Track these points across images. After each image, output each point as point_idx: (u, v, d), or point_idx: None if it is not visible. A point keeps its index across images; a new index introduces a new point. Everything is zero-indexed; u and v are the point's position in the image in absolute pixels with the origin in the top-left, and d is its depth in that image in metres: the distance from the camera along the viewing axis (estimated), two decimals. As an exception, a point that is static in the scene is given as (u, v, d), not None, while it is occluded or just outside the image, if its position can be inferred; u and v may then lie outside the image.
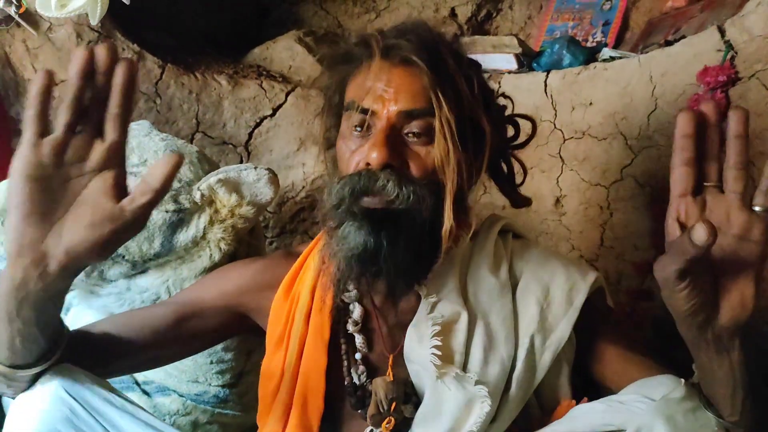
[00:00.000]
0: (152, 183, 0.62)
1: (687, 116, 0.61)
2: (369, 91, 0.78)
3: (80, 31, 1.39)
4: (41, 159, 0.60)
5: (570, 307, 0.84)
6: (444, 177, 0.77)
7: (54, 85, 0.61)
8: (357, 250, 0.76)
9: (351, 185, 0.77)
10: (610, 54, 1.51)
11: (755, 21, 1.19)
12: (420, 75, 0.77)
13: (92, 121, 0.63)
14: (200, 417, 1.25)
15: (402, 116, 0.77)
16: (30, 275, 0.62)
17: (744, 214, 0.60)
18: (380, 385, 0.83)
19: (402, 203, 0.76)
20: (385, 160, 0.75)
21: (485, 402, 0.77)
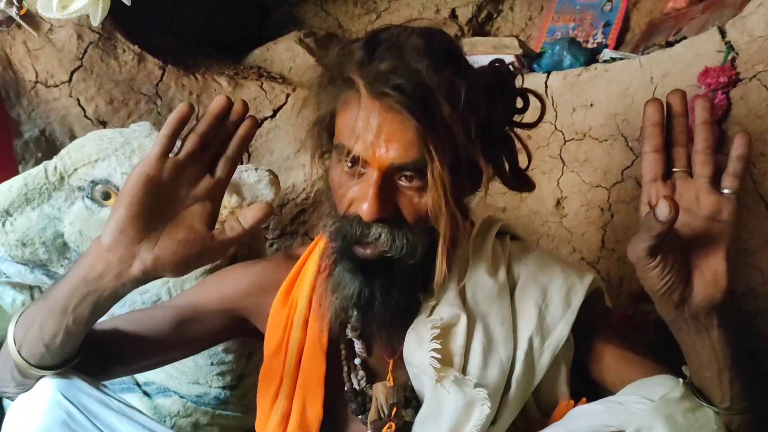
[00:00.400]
0: (243, 223, 0.70)
1: (654, 106, 0.65)
2: (358, 137, 0.72)
3: (81, 33, 1.40)
4: (162, 171, 0.68)
5: (568, 308, 0.84)
6: (437, 226, 0.75)
7: (191, 117, 0.70)
8: (352, 299, 0.78)
9: (343, 232, 0.76)
10: (610, 55, 1.50)
11: (756, 22, 1.19)
12: (411, 124, 0.70)
13: (207, 156, 0.71)
14: (201, 418, 1.25)
15: (394, 168, 0.72)
16: (110, 271, 0.68)
17: (712, 196, 0.64)
18: (381, 391, 0.83)
19: (395, 254, 0.75)
20: (376, 216, 0.72)
21: (485, 404, 0.77)
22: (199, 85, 1.54)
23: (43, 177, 1.09)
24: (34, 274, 1.12)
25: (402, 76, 0.69)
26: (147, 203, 0.67)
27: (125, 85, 1.47)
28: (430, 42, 0.73)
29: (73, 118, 1.44)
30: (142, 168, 0.67)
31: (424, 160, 0.71)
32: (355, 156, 0.73)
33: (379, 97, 0.70)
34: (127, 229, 0.67)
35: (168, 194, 0.69)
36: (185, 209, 0.70)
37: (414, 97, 0.69)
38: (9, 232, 1.07)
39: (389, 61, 0.71)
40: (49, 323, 0.70)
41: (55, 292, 0.70)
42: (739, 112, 1.22)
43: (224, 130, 0.71)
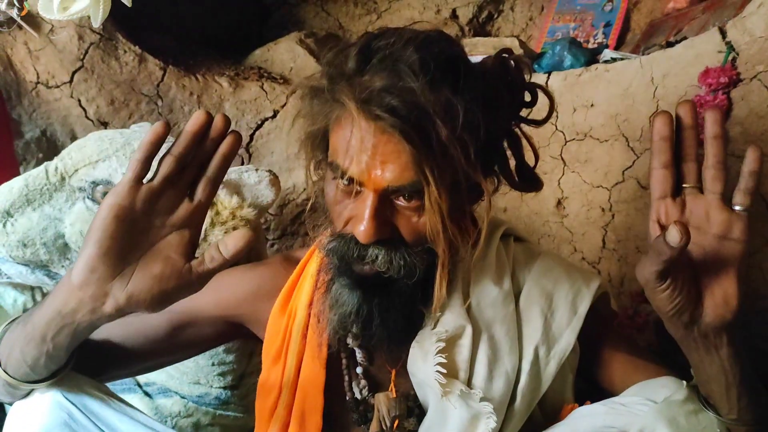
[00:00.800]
0: (224, 253, 0.64)
1: (663, 119, 0.62)
2: (353, 159, 0.68)
3: (82, 34, 1.40)
4: (135, 202, 0.62)
5: (574, 315, 0.83)
6: (436, 248, 0.73)
7: (166, 137, 0.63)
8: (350, 317, 0.75)
9: (341, 252, 0.74)
10: (611, 55, 1.51)
11: (756, 22, 1.19)
12: (407, 147, 0.66)
13: (185, 179, 0.65)
14: (202, 418, 1.25)
15: (390, 190, 0.69)
16: (83, 308, 0.64)
17: (724, 214, 0.61)
18: (383, 402, 0.82)
19: (394, 274, 0.73)
20: (372, 238, 0.69)
21: (491, 418, 0.76)
22: (199, 86, 1.54)
23: (44, 178, 1.09)
24: (35, 275, 1.12)
25: (396, 97, 0.65)
26: (119, 238, 0.62)
27: (126, 85, 1.47)
28: (427, 55, 0.68)
29: (74, 118, 1.44)
30: (113, 198, 0.61)
31: (421, 182, 0.68)
32: (350, 177, 0.70)
33: (372, 119, 0.66)
34: (97, 267, 0.62)
35: (142, 225, 0.63)
36: (161, 240, 0.64)
37: (408, 120, 0.65)
38: (10, 232, 1.07)
39: (382, 78, 0.67)
40: (29, 349, 0.68)
41: (33, 319, 0.68)
42: (739, 112, 1.22)
43: (204, 149, 0.64)
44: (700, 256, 0.62)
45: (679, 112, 0.63)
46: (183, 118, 1.53)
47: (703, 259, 0.62)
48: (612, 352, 0.85)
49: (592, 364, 0.86)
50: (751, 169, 0.60)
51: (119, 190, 0.62)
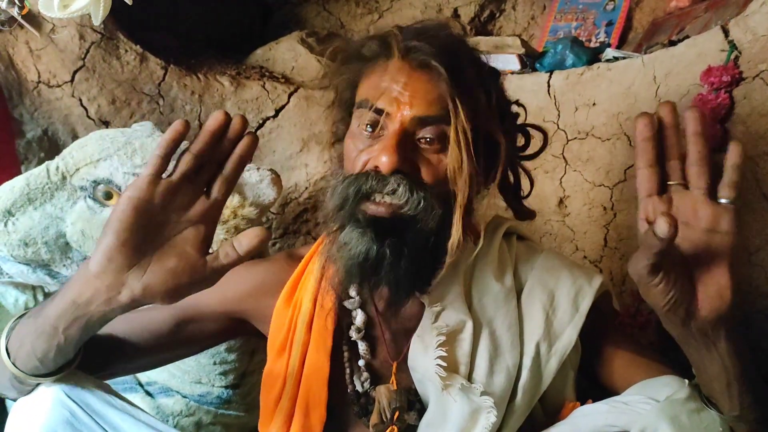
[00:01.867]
0: (238, 249, 0.66)
1: (644, 120, 0.64)
2: (384, 91, 0.75)
3: (83, 33, 1.40)
4: (153, 196, 0.64)
5: (576, 313, 0.83)
6: (455, 187, 0.75)
7: (186, 135, 0.66)
8: (358, 258, 0.75)
9: (357, 185, 0.75)
10: (613, 54, 1.50)
11: (759, 21, 1.19)
12: (438, 81, 0.74)
13: (203, 177, 0.67)
14: (203, 418, 1.25)
15: (416, 121, 0.74)
16: (98, 298, 0.65)
17: (710, 207, 0.62)
18: (383, 394, 0.82)
19: (411, 209, 0.74)
20: (396, 166, 0.73)
21: (491, 412, 0.76)
22: (201, 85, 1.54)
23: (46, 177, 1.09)
24: (36, 274, 1.12)
25: (429, 39, 0.76)
26: (137, 230, 0.63)
27: (127, 85, 1.47)
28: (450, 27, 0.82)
29: (76, 118, 1.44)
30: (132, 191, 0.64)
31: (445, 118, 0.74)
32: (378, 109, 0.75)
33: (408, 52, 0.75)
34: (115, 257, 0.63)
35: (160, 219, 0.65)
36: (178, 234, 0.66)
37: (442, 54, 0.74)
38: (11, 232, 1.07)
39: (417, 30, 0.78)
40: (40, 342, 0.69)
41: (45, 312, 0.69)
42: (742, 110, 1.22)
43: (221, 149, 0.67)
44: (690, 251, 0.63)
45: (660, 113, 0.65)
46: (184, 117, 1.53)
47: (694, 254, 0.63)
48: (614, 351, 0.85)
49: (593, 362, 0.86)
50: (734, 162, 0.62)
51: (139, 184, 0.64)
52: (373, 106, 0.75)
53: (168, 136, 0.65)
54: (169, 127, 0.65)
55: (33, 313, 0.72)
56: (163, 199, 0.64)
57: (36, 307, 0.74)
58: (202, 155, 0.66)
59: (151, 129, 1.19)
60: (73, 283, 0.67)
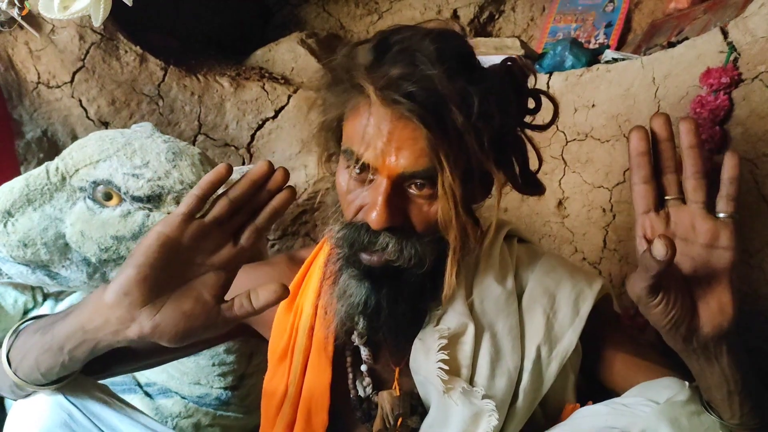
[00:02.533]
0: (255, 304, 0.65)
1: (639, 134, 0.62)
2: (369, 145, 0.70)
3: (83, 33, 1.40)
4: (183, 235, 0.63)
5: (576, 316, 0.83)
6: (447, 236, 0.74)
7: (228, 179, 0.64)
8: (358, 308, 0.76)
9: (351, 240, 0.74)
10: (612, 56, 1.50)
11: (758, 22, 1.19)
12: (423, 133, 0.68)
13: (235, 223, 0.66)
14: (202, 419, 1.25)
15: (404, 176, 0.71)
16: (107, 328, 0.64)
17: (708, 222, 0.61)
18: (386, 399, 0.82)
19: (403, 263, 0.73)
20: (385, 225, 0.70)
21: (492, 416, 0.76)
22: (200, 86, 1.54)
23: (45, 177, 1.09)
24: (35, 275, 1.12)
25: (414, 84, 0.67)
26: (159, 267, 0.62)
27: (127, 85, 1.47)
28: (443, 47, 0.70)
29: (75, 118, 1.44)
30: (163, 227, 0.63)
31: (435, 169, 0.70)
32: (364, 163, 0.71)
33: (390, 104, 0.68)
34: (132, 291, 0.62)
35: (184, 259, 0.64)
36: (198, 277, 0.65)
37: (426, 106, 0.67)
38: (10, 232, 1.07)
39: (400, 67, 0.69)
40: (45, 358, 0.69)
41: (53, 330, 0.68)
42: (741, 112, 1.22)
43: (259, 197, 0.66)
44: (690, 268, 0.62)
45: (653, 126, 0.63)
46: (183, 118, 1.53)
47: (694, 270, 0.62)
48: (614, 353, 0.85)
49: (594, 364, 0.86)
50: (731, 175, 0.60)
51: (170, 221, 0.63)
52: (359, 160, 0.71)
53: (209, 178, 0.64)
54: (213, 169, 0.64)
55: (40, 327, 0.72)
56: (192, 240, 0.63)
57: (43, 320, 0.73)
58: (239, 202, 0.65)
59: (150, 130, 1.19)
60: (85, 306, 0.66)
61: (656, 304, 0.60)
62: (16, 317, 1.25)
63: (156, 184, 1.08)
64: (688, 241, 0.62)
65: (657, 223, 0.63)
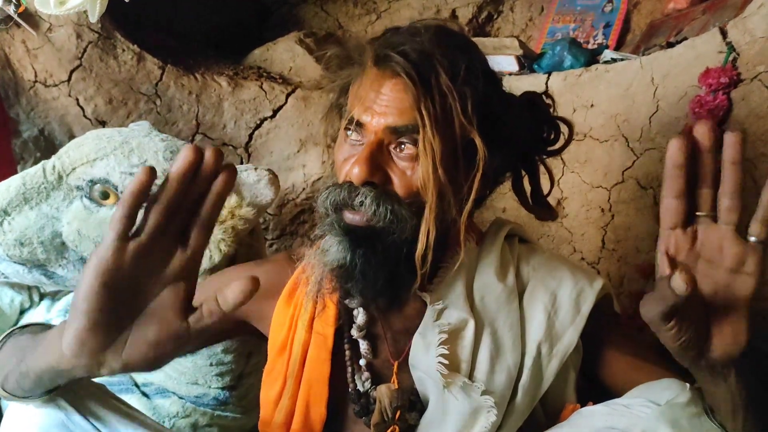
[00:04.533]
0: (225, 307, 0.58)
1: (678, 145, 0.56)
2: (361, 101, 0.75)
3: (80, 32, 1.39)
4: (122, 263, 0.55)
5: (577, 314, 0.83)
6: (425, 195, 0.75)
7: (152, 184, 0.55)
8: (332, 265, 0.76)
9: (332, 197, 0.76)
10: (611, 56, 1.50)
11: (757, 23, 1.19)
12: (408, 89, 0.73)
13: (176, 226, 0.57)
14: (200, 419, 1.24)
15: (388, 131, 0.74)
16: (78, 371, 0.60)
17: (737, 247, 0.57)
18: (385, 393, 0.82)
19: (379, 221, 0.74)
20: (365, 178, 0.73)
21: (491, 412, 0.76)
22: (198, 85, 1.53)
23: (42, 176, 1.08)
24: (32, 274, 1.11)
25: (406, 45, 0.74)
26: (108, 307, 0.55)
27: (124, 84, 1.46)
28: (443, 27, 0.79)
29: (72, 117, 1.44)
30: (98, 262, 0.54)
31: (419, 127, 0.73)
32: (355, 120, 0.75)
33: (382, 60, 0.74)
34: (87, 341, 0.56)
35: (133, 286, 0.56)
36: (155, 298, 0.58)
37: (414, 63, 0.73)
38: (7, 231, 1.06)
39: (399, 37, 0.76)
40: (26, 382, 0.68)
41: (27, 362, 0.66)
42: (740, 112, 1.22)
43: (195, 190, 0.57)
44: (710, 290, 0.59)
45: (697, 134, 0.57)
46: (181, 117, 1.53)
47: (714, 293, 0.59)
48: (615, 353, 0.85)
49: (595, 364, 0.86)
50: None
51: (104, 254, 0.54)
52: (352, 118, 0.76)
53: (131, 190, 0.54)
54: (132, 179, 0.55)
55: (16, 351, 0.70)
56: (134, 264, 0.55)
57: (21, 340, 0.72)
58: (174, 204, 0.56)
59: (148, 128, 1.19)
60: (51, 347, 0.61)
61: (669, 329, 0.58)
62: (12, 317, 1.24)
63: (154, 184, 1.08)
64: (713, 263, 0.58)
65: (683, 240, 0.59)
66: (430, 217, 0.75)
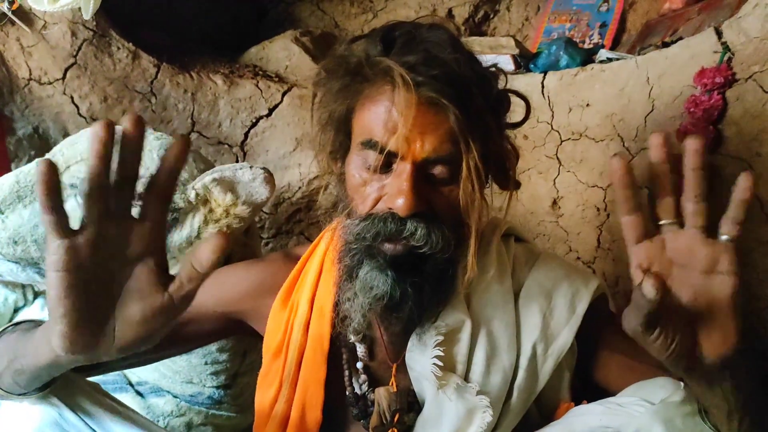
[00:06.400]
0: (199, 269, 0.56)
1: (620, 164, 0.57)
2: (392, 131, 0.70)
3: (75, 30, 1.38)
4: (80, 261, 0.53)
5: (572, 314, 0.83)
6: (469, 219, 0.74)
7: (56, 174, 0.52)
8: (383, 300, 0.73)
9: (376, 230, 0.72)
10: (607, 55, 1.50)
11: (752, 23, 1.19)
12: (447, 115, 0.69)
13: (124, 202, 0.55)
14: (194, 418, 1.24)
15: (429, 161, 0.71)
16: (77, 362, 0.60)
17: (708, 247, 0.56)
18: (383, 396, 0.82)
19: (431, 249, 0.72)
20: (413, 210, 0.70)
21: (486, 412, 0.76)
22: (194, 83, 1.53)
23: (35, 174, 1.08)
24: (26, 273, 1.11)
25: (436, 68, 0.69)
26: (83, 303, 0.54)
27: (119, 82, 1.46)
28: (452, 36, 0.74)
29: (67, 115, 1.43)
30: (54, 266, 0.53)
31: (457, 153, 0.71)
32: (388, 151, 0.70)
33: (415, 87, 0.69)
34: (75, 338, 0.55)
35: (99, 275, 0.54)
36: (128, 278, 0.56)
37: (450, 88, 0.69)
38: (0, 229, 1.06)
39: (417, 54, 0.70)
40: (22, 378, 0.67)
41: (22, 362, 0.65)
42: (734, 112, 1.23)
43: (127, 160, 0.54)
44: (690, 296, 0.58)
45: (651, 147, 0.57)
46: (177, 116, 1.52)
47: (694, 298, 0.58)
48: (610, 352, 0.85)
49: (590, 364, 0.86)
50: (743, 197, 0.56)
51: (56, 258, 0.53)
52: (384, 150, 0.70)
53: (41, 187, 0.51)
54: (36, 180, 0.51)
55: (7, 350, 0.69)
56: (92, 256, 0.53)
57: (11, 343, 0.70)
58: (102, 186, 0.52)
59: (143, 127, 1.18)
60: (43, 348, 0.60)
61: (654, 340, 0.58)
62: (6, 315, 1.24)
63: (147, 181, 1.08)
64: (686, 267, 0.58)
65: (652, 250, 0.59)
66: (476, 238, 0.74)
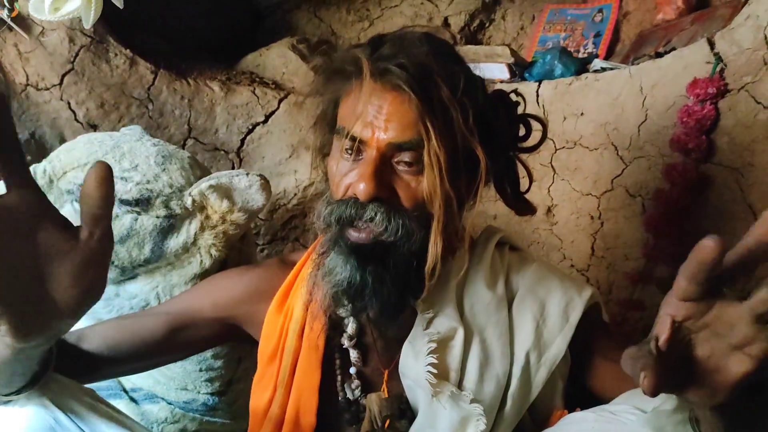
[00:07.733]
0: (94, 211, 0.54)
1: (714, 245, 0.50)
2: (359, 117, 0.74)
3: (73, 36, 1.39)
4: None
5: (566, 323, 0.83)
6: (432, 210, 0.75)
7: None
8: (342, 285, 0.75)
9: (338, 213, 0.75)
10: (601, 65, 1.52)
11: (744, 34, 1.21)
12: (411, 103, 0.72)
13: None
14: (189, 425, 1.24)
15: (392, 147, 0.73)
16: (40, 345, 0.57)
17: (752, 331, 0.51)
18: (375, 402, 0.82)
19: (390, 236, 0.74)
20: (373, 194, 0.72)
21: (480, 420, 0.76)
22: (191, 90, 1.53)
23: (32, 180, 1.08)
24: None
25: (404, 57, 0.73)
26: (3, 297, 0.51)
27: (116, 88, 1.46)
28: (431, 36, 0.78)
29: (64, 121, 1.43)
30: None
31: (422, 141, 0.72)
32: (353, 136, 0.73)
33: (380, 74, 0.72)
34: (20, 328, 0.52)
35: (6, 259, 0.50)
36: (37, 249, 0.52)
37: (415, 76, 0.72)
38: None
39: (392, 48, 0.75)
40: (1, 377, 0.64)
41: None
42: (727, 122, 1.24)
43: None
44: (705, 354, 0.54)
45: None
46: (173, 122, 1.53)
47: (707, 359, 0.54)
48: (603, 361, 0.85)
49: (583, 372, 0.87)
50: None
51: None
52: (349, 134, 0.74)
53: None
54: None
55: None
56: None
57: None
58: None
59: (140, 133, 1.19)
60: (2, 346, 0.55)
61: None
62: None
63: (145, 188, 1.08)
64: (719, 336, 0.53)
65: (693, 309, 0.53)
66: (438, 229, 0.75)
